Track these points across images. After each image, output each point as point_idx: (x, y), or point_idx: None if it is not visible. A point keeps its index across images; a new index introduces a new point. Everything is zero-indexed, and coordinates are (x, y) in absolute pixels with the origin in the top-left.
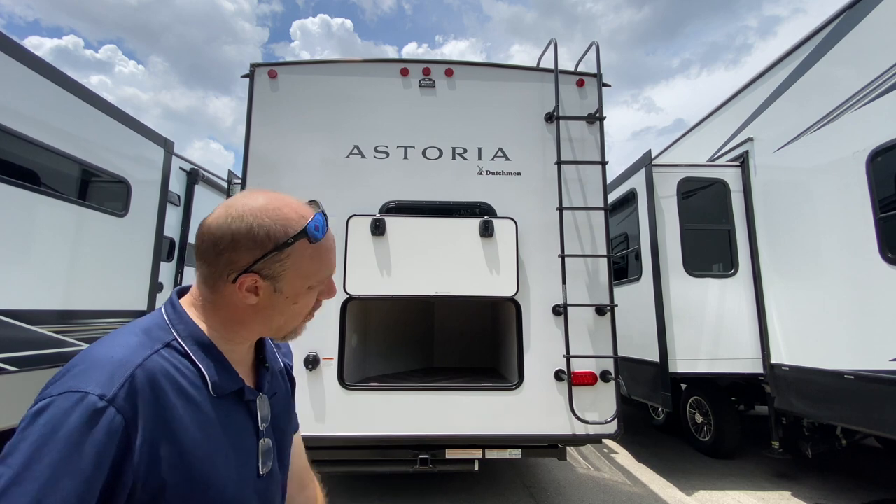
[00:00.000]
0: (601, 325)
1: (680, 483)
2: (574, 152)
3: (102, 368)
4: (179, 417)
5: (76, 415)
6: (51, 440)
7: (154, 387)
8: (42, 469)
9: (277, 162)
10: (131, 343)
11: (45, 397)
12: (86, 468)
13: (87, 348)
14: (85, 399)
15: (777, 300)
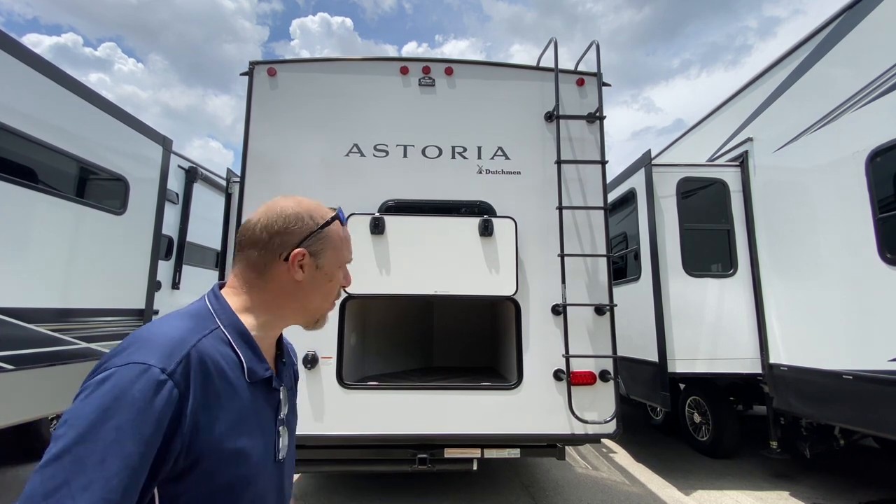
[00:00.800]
0: (600, 325)
1: (678, 483)
2: (574, 152)
3: (163, 345)
4: (220, 397)
5: (140, 384)
6: (116, 405)
7: (203, 367)
8: (108, 430)
9: (276, 160)
10: (185, 326)
11: (107, 368)
12: (146, 432)
13: (141, 328)
14: (148, 371)
15: (776, 300)
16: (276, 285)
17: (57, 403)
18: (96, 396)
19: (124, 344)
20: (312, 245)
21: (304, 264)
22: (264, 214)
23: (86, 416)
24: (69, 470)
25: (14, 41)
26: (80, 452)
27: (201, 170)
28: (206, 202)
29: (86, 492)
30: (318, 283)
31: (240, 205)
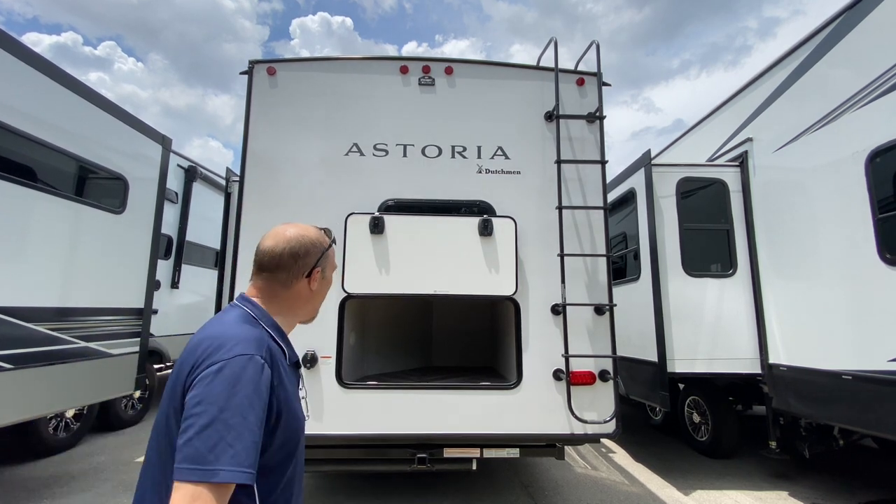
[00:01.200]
0: (600, 325)
1: (677, 483)
2: (574, 151)
3: (252, 342)
4: (281, 374)
5: (251, 368)
6: (239, 383)
7: (272, 354)
8: (240, 400)
9: (276, 159)
10: (251, 329)
11: (217, 361)
12: (263, 397)
13: (215, 333)
14: (252, 358)
15: (775, 300)
16: (295, 294)
17: (56, 403)
18: (221, 379)
19: (215, 345)
20: (322, 263)
21: (317, 278)
22: (286, 243)
23: (219, 394)
24: (221, 431)
25: (13, 40)
26: (225, 418)
27: (201, 169)
28: (206, 201)
29: (239, 440)
30: (323, 289)
31: (239, 204)
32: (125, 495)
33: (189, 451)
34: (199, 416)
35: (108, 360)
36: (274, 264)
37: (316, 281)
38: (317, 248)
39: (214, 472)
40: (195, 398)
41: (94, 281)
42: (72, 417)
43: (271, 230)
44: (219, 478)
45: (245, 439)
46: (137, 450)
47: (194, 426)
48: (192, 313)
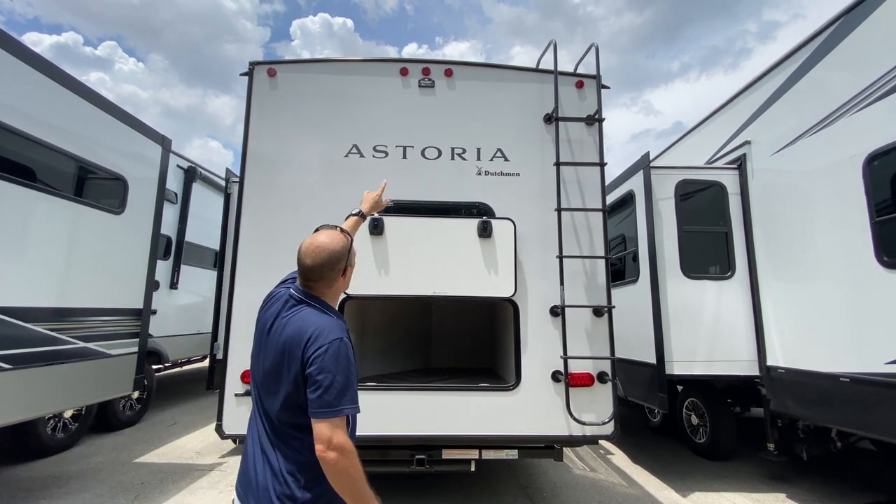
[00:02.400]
0: (598, 327)
1: (675, 484)
2: (573, 153)
3: (336, 328)
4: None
5: (344, 346)
6: (340, 356)
7: (347, 331)
8: (348, 366)
9: (276, 160)
10: (329, 318)
11: (323, 344)
12: (353, 361)
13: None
14: (343, 339)
15: (773, 303)
16: (336, 288)
17: (54, 403)
18: (329, 356)
19: (317, 332)
20: (349, 261)
21: (349, 273)
22: (324, 260)
23: (330, 365)
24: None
25: (13, 40)
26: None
27: (200, 170)
28: (205, 202)
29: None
30: (348, 279)
31: (239, 205)
32: (123, 496)
33: (322, 402)
34: (323, 380)
35: (106, 361)
36: (318, 276)
37: (349, 275)
38: (343, 252)
39: (340, 410)
40: (316, 370)
41: (94, 281)
42: (70, 418)
43: (306, 247)
44: (343, 413)
45: (351, 388)
46: (136, 450)
47: (322, 386)
48: (190, 314)
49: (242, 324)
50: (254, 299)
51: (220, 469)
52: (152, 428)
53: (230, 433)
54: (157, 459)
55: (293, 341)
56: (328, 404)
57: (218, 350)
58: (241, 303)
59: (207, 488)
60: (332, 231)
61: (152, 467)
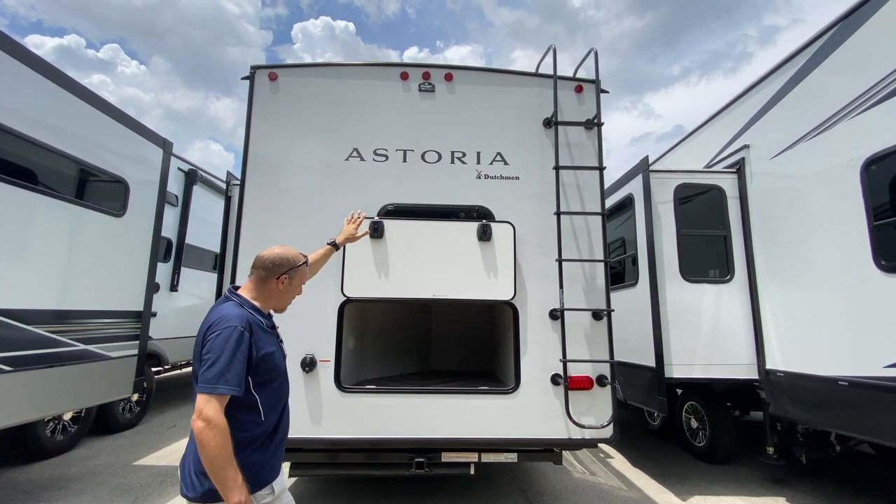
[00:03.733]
0: (598, 330)
1: (675, 488)
2: (572, 157)
3: (236, 318)
4: (259, 335)
5: (236, 333)
6: (233, 342)
7: (251, 323)
8: (231, 350)
9: (277, 163)
10: (238, 309)
11: (217, 329)
12: (244, 350)
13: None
14: (238, 327)
15: (772, 306)
16: (268, 289)
17: (54, 405)
18: (219, 339)
19: (217, 318)
20: (290, 274)
21: (284, 282)
22: (272, 254)
23: (217, 347)
24: (223, 369)
25: (15, 43)
26: (221, 360)
27: (201, 172)
28: (206, 204)
29: (229, 372)
30: (288, 291)
31: (240, 208)
32: (122, 499)
33: (203, 378)
34: (209, 359)
35: (107, 363)
36: (253, 266)
37: (283, 283)
38: (286, 263)
39: (216, 388)
40: (206, 350)
41: (94, 283)
42: (69, 420)
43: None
44: (217, 391)
45: (232, 372)
46: (135, 453)
47: (206, 364)
48: (190, 316)
49: None
50: None
51: None
52: (151, 430)
53: None
54: (156, 462)
55: (204, 325)
56: (207, 380)
57: None
58: None
59: None
60: (292, 249)
61: (151, 470)
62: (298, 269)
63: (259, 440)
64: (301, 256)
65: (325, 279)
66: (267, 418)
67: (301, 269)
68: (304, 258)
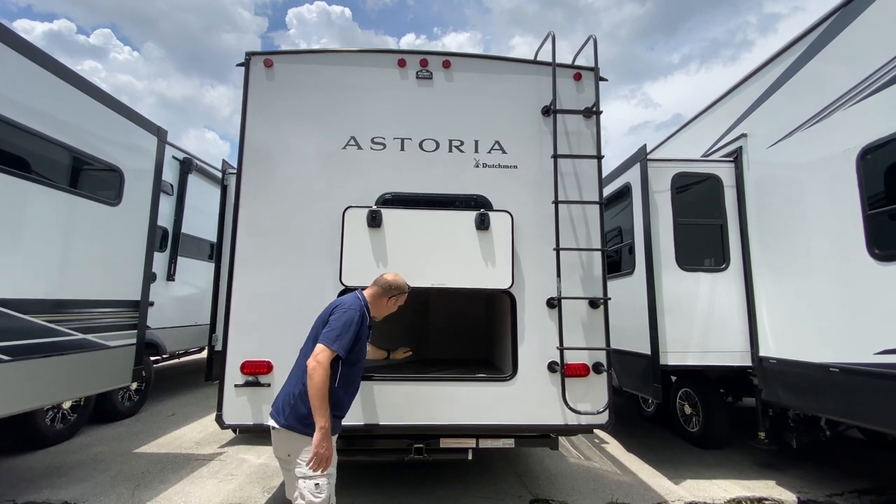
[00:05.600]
0: (594, 318)
1: (668, 472)
2: (570, 146)
3: (357, 307)
4: (363, 325)
5: (356, 315)
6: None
7: (363, 315)
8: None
9: (273, 152)
10: (359, 302)
11: (343, 309)
12: (355, 329)
13: (348, 299)
14: (357, 312)
15: (766, 294)
16: (380, 302)
17: (53, 394)
18: (341, 315)
19: (346, 301)
20: (398, 296)
21: (392, 302)
22: (392, 278)
23: (339, 319)
24: (340, 334)
25: (4, 28)
26: (340, 330)
27: (196, 161)
28: (201, 193)
29: (342, 339)
30: (390, 307)
31: (237, 197)
32: (124, 485)
33: (325, 336)
34: (330, 326)
35: (105, 352)
36: (380, 283)
37: (391, 303)
38: (400, 288)
39: (332, 344)
40: (332, 321)
41: (91, 273)
42: (69, 409)
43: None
44: (333, 348)
45: (345, 339)
46: (135, 441)
47: (329, 328)
48: (188, 305)
49: (242, 315)
50: (252, 290)
51: (219, 459)
52: (151, 419)
53: (230, 423)
54: (157, 450)
55: (333, 304)
56: (328, 337)
57: (217, 341)
58: (239, 294)
59: (208, 477)
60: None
61: (152, 457)
62: (403, 296)
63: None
64: (407, 286)
65: (324, 267)
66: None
67: (403, 296)
68: (408, 287)
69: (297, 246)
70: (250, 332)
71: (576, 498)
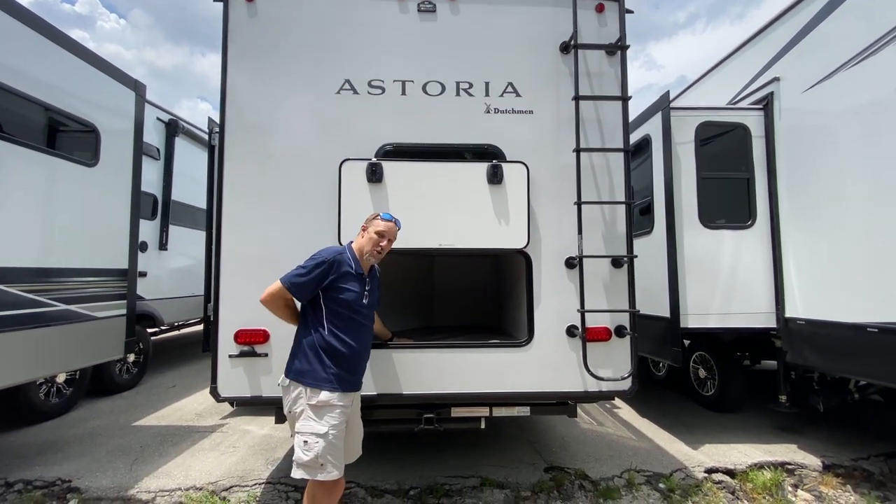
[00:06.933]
0: (617, 278)
1: (685, 437)
2: (592, 87)
3: (331, 253)
4: (341, 270)
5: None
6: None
7: (340, 261)
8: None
9: (258, 99)
10: (339, 248)
11: (315, 258)
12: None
13: (327, 247)
14: (329, 254)
15: (795, 252)
16: (359, 240)
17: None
18: (309, 261)
19: (321, 250)
20: (367, 223)
21: (366, 230)
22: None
23: (305, 265)
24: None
25: None
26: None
27: (183, 123)
28: (191, 158)
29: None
30: (368, 238)
31: (220, 151)
32: (122, 460)
33: (287, 273)
34: (297, 266)
35: (92, 324)
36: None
37: (364, 231)
38: (370, 216)
39: (284, 282)
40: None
41: (72, 239)
42: (63, 382)
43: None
44: (282, 280)
45: (299, 276)
46: (134, 413)
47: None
48: (183, 275)
49: (233, 280)
50: (241, 253)
51: (221, 430)
52: (151, 391)
53: (226, 395)
54: (156, 422)
55: None
56: (286, 273)
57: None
58: (229, 257)
59: (209, 450)
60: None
61: (152, 430)
62: (373, 221)
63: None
64: (392, 222)
65: (321, 228)
66: (330, 338)
67: (375, 221)
68: (377, 214)
69: (290, 204)
70: (243, 299)
71: (592, 465)
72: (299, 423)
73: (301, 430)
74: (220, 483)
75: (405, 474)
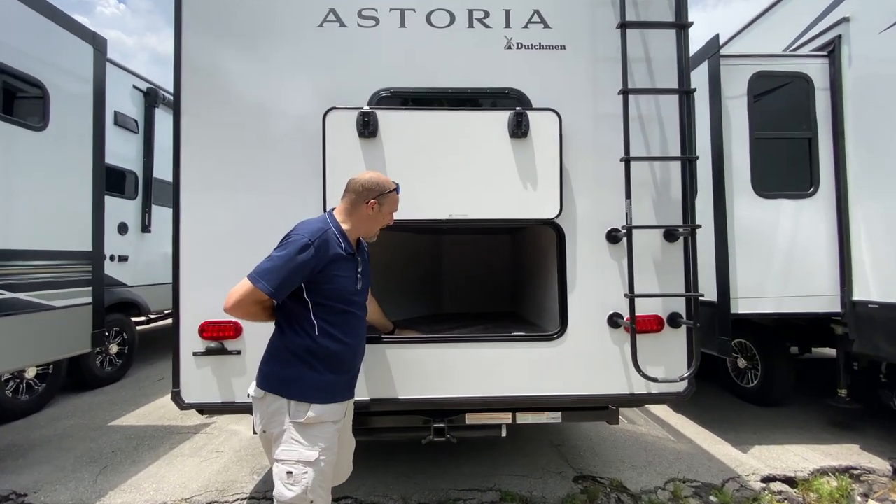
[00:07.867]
0: (670, 255)
1: (729, 437)
2: (639, 14)
3: (313, 232)
4: (329, 253)
5: (301, 244)
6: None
7: (326, 241)
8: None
9: (222, 34)
10: (320, 225)
11: (290, 236)
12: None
13: (301, 224)
14: (305, 238)
15: (867, 225)
16: (359, 214)
17: None
18: (284, 244)
19: (295, 229)
20: (380, 199)
21: (374, 207)
22: (364, 178)
23: (279, 250)
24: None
25: None
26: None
27: (164, 92)
28: None
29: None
30: (377, 218)
31: (176, 102)
32: (88, 468)
33: (254, 268)
34: (267, 256)
35: (49, 314)
36: (350, 188)
37: (372, 209)
38: (380, 187)
39: (257, 281)
40: (276, 250)
41: (14, 216)
42: (34, 378)
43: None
44: (257, 285)
45: (276, 275)
46: (113, 411)
47: (267, 260)
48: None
49: (195, 262)
50: (206, 228)
51: (205, 432)
52: (136, 385)
53: (191, 402)
54: (135, 422)
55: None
56: (256, 271)
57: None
58: (190, 234)
59: (189, 456)
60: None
61: (128, 431)
62: (389, 196)
63: (309, 357)
64: (392, 183)
65: (304, 197)
66: (322, 339)
67: (392, 196)
68: (395, 185)
69: (263, 167)
70: (208, 285)
71: (628, 474)
72: (281, 448)
73: (283, 458)
74: (195, 499)
75: (410, 486)
